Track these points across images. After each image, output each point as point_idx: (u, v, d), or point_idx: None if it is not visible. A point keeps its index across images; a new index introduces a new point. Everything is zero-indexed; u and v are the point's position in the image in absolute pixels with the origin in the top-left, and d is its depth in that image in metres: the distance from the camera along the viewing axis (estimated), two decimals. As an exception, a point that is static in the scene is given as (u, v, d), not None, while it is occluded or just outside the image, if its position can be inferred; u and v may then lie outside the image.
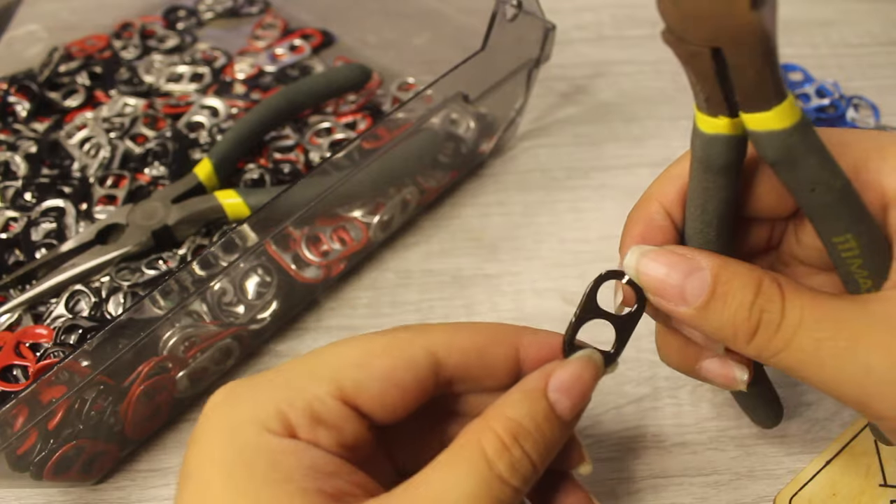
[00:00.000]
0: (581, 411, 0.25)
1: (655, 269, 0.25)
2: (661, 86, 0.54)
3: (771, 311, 0.23)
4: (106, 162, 0.46)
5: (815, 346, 0.23)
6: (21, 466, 0.31)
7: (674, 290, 0.24)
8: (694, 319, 0.24)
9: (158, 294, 0.32)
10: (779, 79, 0.21)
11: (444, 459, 0.23)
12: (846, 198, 0.23)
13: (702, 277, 0.24)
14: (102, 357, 0.31)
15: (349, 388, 0.24)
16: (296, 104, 0.47)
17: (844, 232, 0.24)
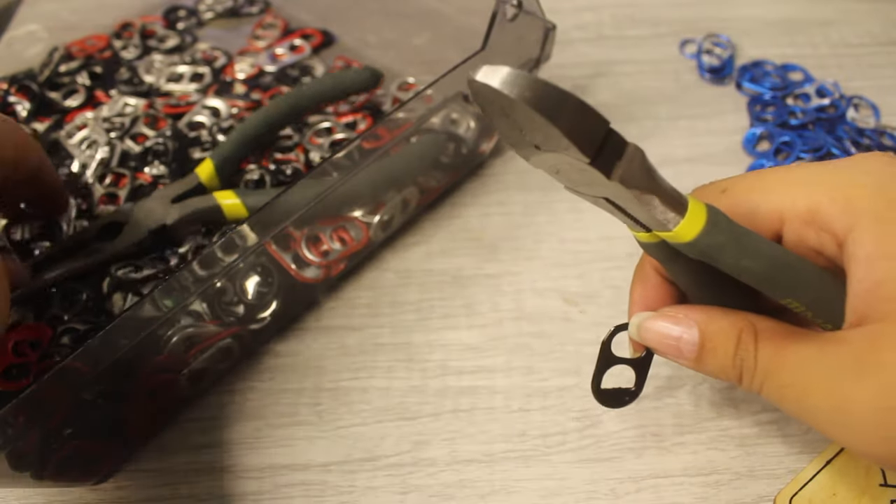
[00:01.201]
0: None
1: (652, 335, 0.29)
2: (661, 86, 0.54)
3: (747, 360, 0.26)
4: (106, 161, 0.46)
5: (780, 393, 0.26)
6: (21, 466, 0.31)
7: (671, 349, 0.28)
8: (694, 367, 0.28)
9: (159, 294, 0.32)
10: (670, 200, 0.23)
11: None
12: (775, 273, 0.25)
13: (692, 335, 0.28)
14: (102, 357, 0.31)
15: None
16: (302, 106, 0.47)
17: (786, 296, 0.26)
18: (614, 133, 0.21)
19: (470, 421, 0.37)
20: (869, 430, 0.23)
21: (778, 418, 0.36)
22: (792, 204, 0.26)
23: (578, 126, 0.21)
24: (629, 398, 0.33)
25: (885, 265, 0.24)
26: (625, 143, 0.22)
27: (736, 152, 0.49)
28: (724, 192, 0.28)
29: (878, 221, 0.24)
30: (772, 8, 0.59)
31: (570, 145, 0.21)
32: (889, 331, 0.23)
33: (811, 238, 0.26)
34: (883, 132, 0.49)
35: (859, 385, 0.23)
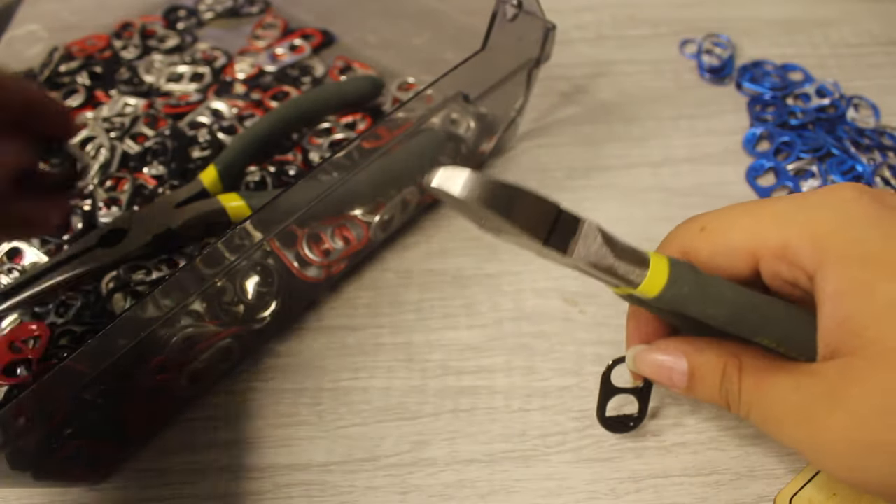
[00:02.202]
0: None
1: (647, 366, 0.31)
2: (661, 86, 0.54)
3: (732, 392, 0.28)
4: (106, 162, 0.46)
5: (762, 422, 0.27)
6: (21, 466, 0.31)
7: (664, 379, 0.30)
8: (686, 395, 0.30)
9: (159, 294, 0.32)
10: (634, 259, 0.25)
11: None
12: (740, 318, 0.27)
13: (681, 366, 0.29)
14: (102, 357, 0.31)
15: None
16: (305, 115, 0.48)
17: (757, 336, 0.27)
18: (566, 214, 0.24)
19: (470, 421, 0.37)
20: (841, 459, 0.25)
21: (778, 418, 0.37)
22: (764, 241, 0.27)
23: (529, 217, 0.23)
24: (633, 424, 0.36)
25: (851, 301, 0.25)
26: (577, 221, 0.24)
27: (736, 152, 0.49)
28: (703, 230, 0.29)
29: (843, 259, 0.26)
30: (772, 8, 0.59)
31: (522, 233, 0.23)
32: (857, 365, 0.25)
33: (785, 272, 0.27)
34: (883, 132, 0.49)
35: (831, 417, 0.25)
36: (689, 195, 0.46)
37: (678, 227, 0.31)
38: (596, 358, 0.39)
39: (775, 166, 0.48)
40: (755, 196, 0.46)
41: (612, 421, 0.36)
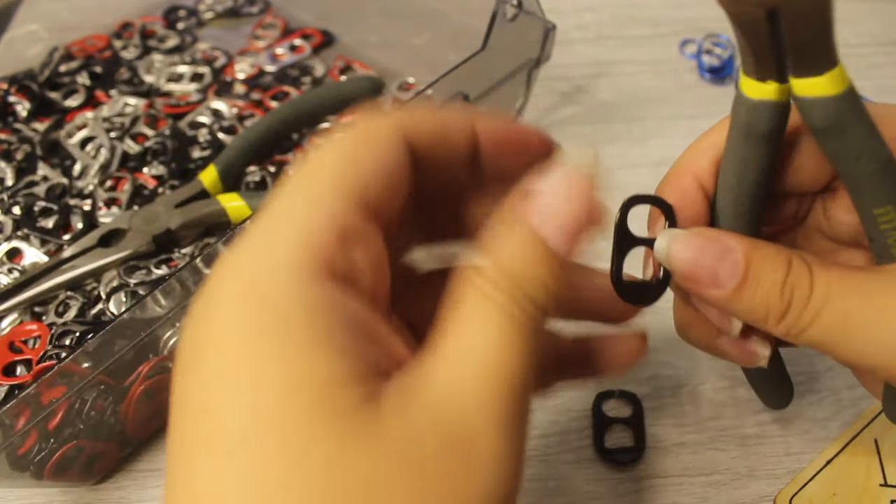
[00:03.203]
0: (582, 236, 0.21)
1: (686, 253, 0.24)
2: (661, 86, 0.54)
3: (801, 289, 0.23)
4: (106, 162, 0.46)
5: (843, 318, 0.23)
6: (21, 466, 0.31)
7: (706, 275, 0.24)
8: (726, 302, 0.24)
9: (159, 293, 0.32)
10: (832, 44, 0.21)
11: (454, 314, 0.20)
12: (891, 169, 0.23)
13: (734, 261, 0.24)
14: (103, 357, 0.31)
15: (358, 192, 0.20)
16: (306, 115, 0.48)
17: (886, 203, 0.24)
18: None
19: (470, 421, 0.37)
20: None
21: (778, 418, 0.36)
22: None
23: None
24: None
25: None
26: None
27: (736, 152, 0.49)
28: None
29: None
30: (772, 8, 0.59)
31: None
32: None
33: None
34: (883, 132, 0.49)
35: None
36: (689, 195, 0.46)
37: None
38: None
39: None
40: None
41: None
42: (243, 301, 0.18)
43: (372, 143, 0.21)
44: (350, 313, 0.19)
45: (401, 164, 0.21)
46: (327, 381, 0.17)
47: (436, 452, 0.18)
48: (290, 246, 0.19)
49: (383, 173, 0.20)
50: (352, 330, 0.18)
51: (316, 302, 0.18)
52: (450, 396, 0.19)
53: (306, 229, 0.19)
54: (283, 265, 0.18)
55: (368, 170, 0.20)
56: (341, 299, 0.19)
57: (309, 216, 0.19)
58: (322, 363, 0.18)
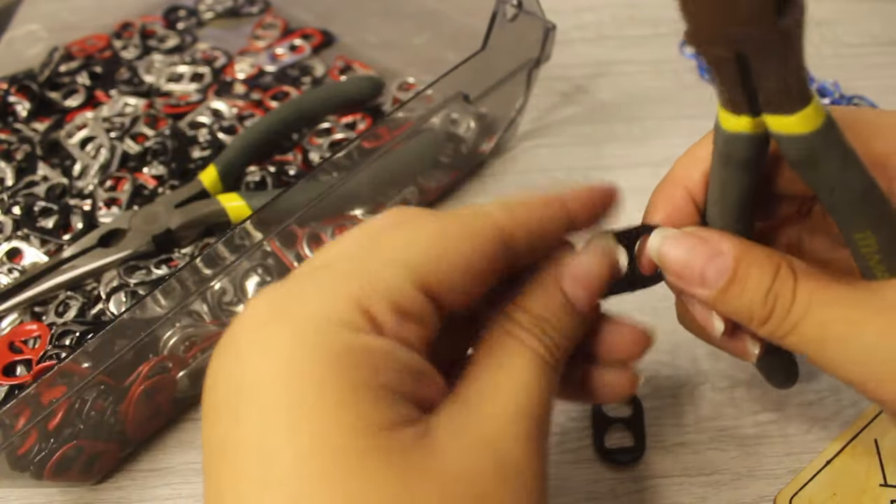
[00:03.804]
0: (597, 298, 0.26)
1: (677, 252, 0.25)
2: (661, 86, 0.54)
3: (784, 297, 0.24)
4: (106, 162, 0.46)
5: (821, 329, 0.23)
6: (21, 466, 0.31)
7: (694, 275, 0.25)
8: (712, 302, 0.25)
9: (159, 293, 0.32)
10: (803, 83, 0.21)
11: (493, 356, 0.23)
12: (867, 199, 0.24)
13: (723, 262, 0.24)
14: (102, 357, 0.31)
15: (430, 277, 0.21)
16: (305, 115, 0.48)
17: (864, 228, 0.24)
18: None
19: (470, 421, 0.37)
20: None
21: (778, 418, 0.36)
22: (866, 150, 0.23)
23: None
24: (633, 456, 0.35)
25: None
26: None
27: (736, 152, 0.49)
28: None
29: None
30: (772, 8, 0.59)
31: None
32: None
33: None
34: (883, 132, 0.49)
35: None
36: (689, 195, 0.46)
37: None
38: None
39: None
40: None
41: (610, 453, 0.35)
42: (291, 348, 0.19)
43: (464, 239, 0.22)
44: (402, 361, 0.20)
45: (487, 264, 0.23)
46: (383, 426, 0.19)
47: (490, 477, 0.20)
48: (345, 303, 0.20)
49: (464, 271, 0.22)
50: (402, 375, 0.20)
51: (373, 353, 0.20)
52: (495, 426, 0.21)
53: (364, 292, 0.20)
54: (338, 320, 0.20)
55: (449, 263, 0.22)
56: (392, 348, 0.20)
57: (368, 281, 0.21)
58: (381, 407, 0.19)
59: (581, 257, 0.26)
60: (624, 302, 0.40)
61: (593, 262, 0.25)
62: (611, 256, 0.26)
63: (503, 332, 0.24)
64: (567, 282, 0.25)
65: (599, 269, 0.25)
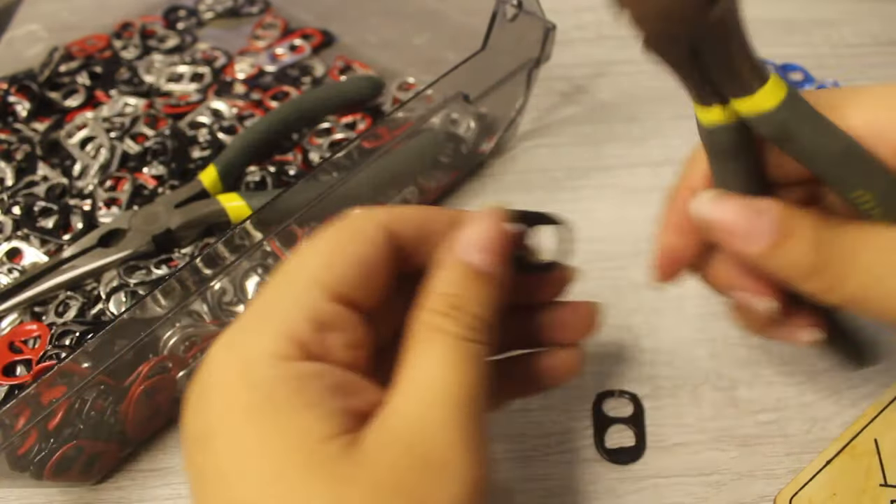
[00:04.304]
0: (501, 258, 0.26)
1: (725, 212, 0.26)
2: (661, 86, 0.54)
3: (831, 246, 0.25)
4: (106, 162, 0.46)
5: (868, 273, 0.24)
6: (21, 466, 0.31)
7: (744, 229, 0.25)
8: (763, 259, 0.25)
9: (159, 293, 0.32)
10: (755, 63, 0.23)
11: (412, 353, 0.24)
12: (849, 158, 0.24)
13: (770, 219, 0.25)
14: (102, 357, 0.31)
15: (336, 286, 0.24)
16: (305, 115, 0.48)
17: (857, 188, 0.25)
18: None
19: (470, 421, 0.37)
20: None
21: (778, 418, 0.36)
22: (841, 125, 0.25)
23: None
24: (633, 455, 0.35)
25: None
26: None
27: (736, 152, 0.49)
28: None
29: None
30: (772, 8, 0.59)
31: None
32: None
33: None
34: (883, 132, 0.49)
35: None
36: (689, 195, 0.46)
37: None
38: (595, 358, 0.39)
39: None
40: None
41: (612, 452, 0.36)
42: (239, 386, 0.22)
43: (352, 241, 0.25)
44: (329, 380, 0.23)
45: (380, 258, 0.25)
46: (315, 440, 0.21)
47: (412, 474, 0.22)
48: (274, 338, 0.23)
49: (362, 269, 0.25)
50: (331, 392, 0.23)
51: (300, 379, 0.22)
52: (416, 424, 0.22)
53: (288, 323, 0.23)
54: (268, 354, 0.23)
55: (347, 267, 0.24)
56: (323, 370, 0.23)
57: (288, 312, 0.23)
58: (311, 426, 0.22)
59: (470, 224, 0.26)
60: (623, 302, 0.40)
61: (483, 224, 0.26)
62: (499, 215, 0.26)
63: (417, 325, 0.25)
64: (463, 248, 0.25)
65: (490, 228, 0.26)
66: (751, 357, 0.39)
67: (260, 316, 0.24)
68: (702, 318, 0.40)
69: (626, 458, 0.35)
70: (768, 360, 0.39)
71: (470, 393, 0.23)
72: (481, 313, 0.25)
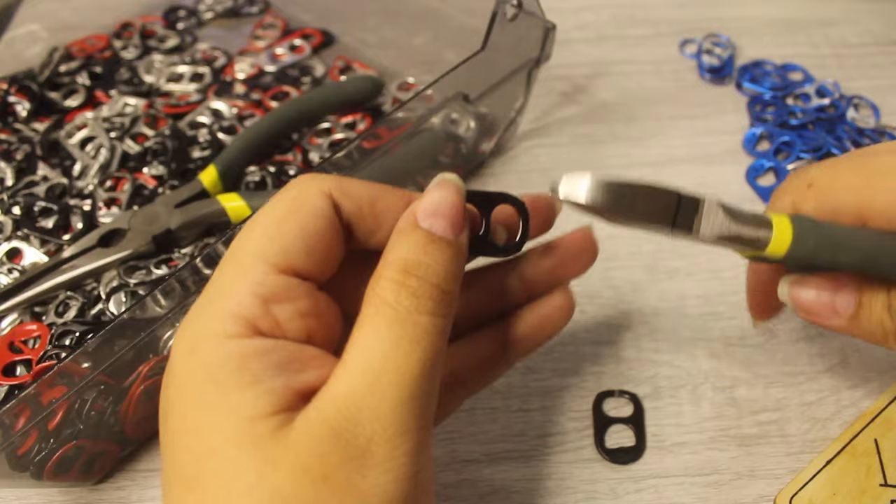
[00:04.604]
0: (462, 225, 0.25)
1: (807, 292, 0.28)
2: (661, 86, 0.54)
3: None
4: (106, 162, 0.46)
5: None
6: (21, 466, 0.31)
7: (825, 307, 0.28)
8: (847, 329, 0.28)
9: (159, 293, 0.32)
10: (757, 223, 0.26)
11: (358, 328, 0.23)
12: (875, 261, 0.27)
13: (848, 292, 0.28)
14: (102, 357, 0.31)
15: (279, 258, 0.24)
16: (306, 115, 0.48)
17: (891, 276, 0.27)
18: (685, 197, 0.25)
19: (470, 421, 0.37)
20: None
21: (778, 418, 0.36)
22: (870, 203, 0.27)
23: (653, 209, 0.25)
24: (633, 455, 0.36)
25: None
26: (697, 201, 0.25)
27: (736, 152, 0.49)
28: (810, 186, 0.28)
29: None
30: (772, 8, 0.59)
31: (650, 225, 0.25)
32: None
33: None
34: (883, 132, 0.49)
35: None
36: (689, 195, 0.46)
37: (788, 180, 0.30)
38: (595, 358, 0.39)
39: (775, 166, 0.48)
40: (755, 196, 0.46)
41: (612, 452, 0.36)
42: (188, 366, 0.23)
43: (297, 211, 0.25)
44: (276, 356, 0.23)
45: (325, 227, 0.25)
46: (250, 419, 0.21)
47: (335, 460, 0.21)
48: (220, 316, 0.23)
49: (307, 239, 0.24)
50: (276, 369, 0.22)
51: (243, 357, 0.22)
52: (347, 407, 0.22)
53: (234, 300, 0.23)
54: (214, 333, 0.23)
55: (291, 237, 0.24)
56: (270, 347, 0.23)
57: (234, 289, 0.23)
58: (246, 404, 0.22)
59: (427, 191, 0.26)
60: (623, 302, 0.40)
61: (441, 191, 0.25)
62: (455, 183, 0.26)
63: (368, 296, 0.24)
64: (421, 214, 0.25)
65: (449, 195, 0.25)
66: (751, 357, 0.39)
67: (208, 297, 0.24)
68: (702, 318, 0.40)
69: (626, 458, 0.35)
70: (768, 360, 0.39)
71: (413, 375, 0.22)
72: (439, 282, 0.24)
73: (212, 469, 0.21)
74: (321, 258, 0.25)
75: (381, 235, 0.26)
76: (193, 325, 0.24)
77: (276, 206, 0.25)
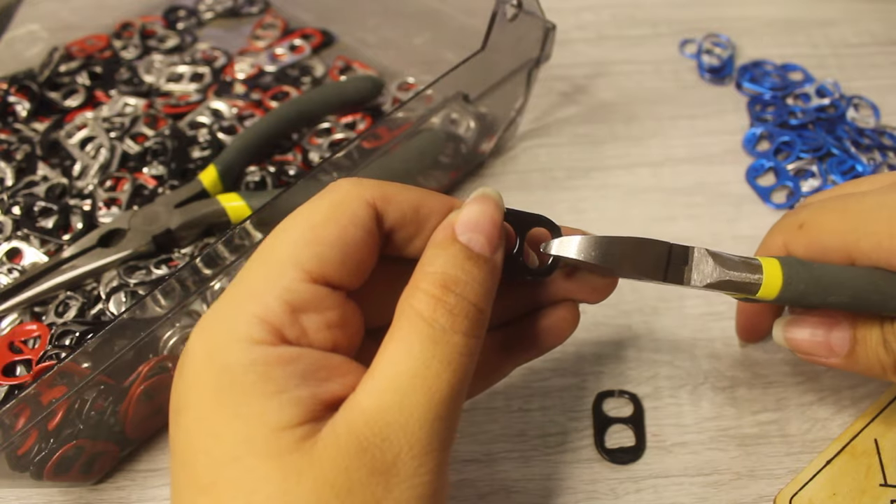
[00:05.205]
0: (499, 243, 0.25)
1: (803, 333, 0.29)
2: (661, 86, 0.54)
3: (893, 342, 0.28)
4: (106, 162, 0.46)
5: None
6: (21, 466, 0.31)
7: (821, 347, 0.29)
8: (844, 366, 0.29)
9: (159, 293, 0.32)
10: (747, 268, 0.26)
11: (389, 340, 0.23)
12: (864, 298, 0.27)
13: (843, 330, 0.28)
14: (102, 357, 0.31)
15: (313, 266, 0.23)
16: (306, 115, 0.48)
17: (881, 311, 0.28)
18: (675, 247, 0.26)
19: (470, 421, 0.37)
20: None
21: (778, 418, 0.36)
22: (856, 244, 0.27)
23: (644, 262, 0.25)
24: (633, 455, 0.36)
25: None
26: (687, 250, 0.26)
27: (736, 152, 0.49)
28: (801, 227, 0.29)
29: None
30: (772, 8, 0.59)
31: (641, 278, 0.26)
32: None
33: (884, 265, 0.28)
34: (883, 132, 0.49)
35: None
36: (690, 195, 0.46)
37: (780, 222, 0.30)
38: (595, 358, 0.39)
39: (775, 166, 0.48)
40: (755, 196, 0.46)
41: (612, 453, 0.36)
42: (209, 368, 0.22)
43: (337, 219, 0.24)
44: (302, 365, 0.22)
45: (364, 238, 0.24)
46: (274, 428, 0.21)
47: (360, 475, 0.21)
48: (246, 319, 0.22)
49: (344, 248, 0.23)
50: (301, 379, 0.22)
51: (267, 364, 0.22)
52: (374, 422, 0.21)
53: (261, 305, 0.22)
54: (238, 337, 0.22)
55: (327, 245, 0.23)
56: (296, 355, 0.22)
57: (262, 293, 0.23)
58: (271, 414, 0.21)
59: (467, 205, 0.25)
60: (623, 302, 0.40)
61: (479, 205, 0.25)
62: (495, 199, 0.25)
63: (402, 307, 0.23)
64: (459, 227, 0.24)
65: (487, 210, 0.25)
66: (751, 357, 0.39)
67: (234, 298, 0.23)
68: (702, 318, 0.40)
69: (626, 458, 0.35)
70: (768, 360, 0.39)
71: (442, 396, 0.22)
72: (476, 301, 0.23)
73: (230, 477, 0.21)
74: (355, 268, 0.24)
75: (420, 242, 0.26)
76: (216, 323, 0.23)
77: (315, 210, 0.24)
